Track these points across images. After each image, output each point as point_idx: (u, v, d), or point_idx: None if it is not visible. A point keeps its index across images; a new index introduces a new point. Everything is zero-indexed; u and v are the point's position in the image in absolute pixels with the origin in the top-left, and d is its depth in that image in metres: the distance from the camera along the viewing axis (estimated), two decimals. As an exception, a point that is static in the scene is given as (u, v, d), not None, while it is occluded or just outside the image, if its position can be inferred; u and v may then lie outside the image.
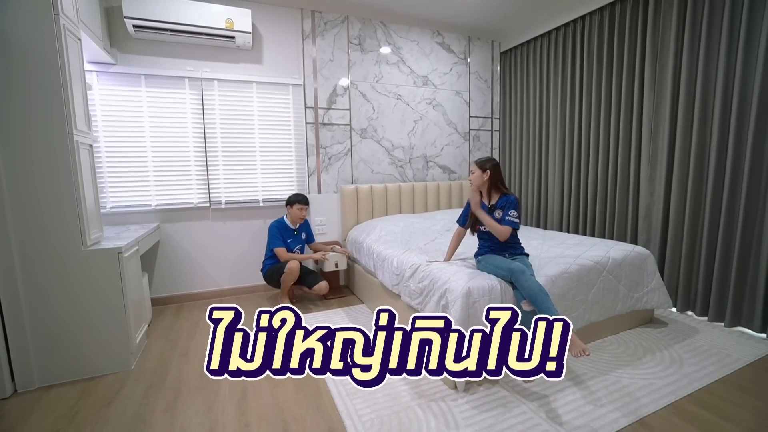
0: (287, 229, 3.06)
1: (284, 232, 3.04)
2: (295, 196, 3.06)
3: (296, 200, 3.03)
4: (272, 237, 3.01)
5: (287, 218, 3.09)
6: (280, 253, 2.97)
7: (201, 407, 1.77)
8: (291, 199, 3.05)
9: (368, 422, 1.62)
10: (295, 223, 3.08)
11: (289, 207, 3.05)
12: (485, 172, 2.11)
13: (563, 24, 3.46)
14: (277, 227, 3.02)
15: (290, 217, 3.07)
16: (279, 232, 3.01)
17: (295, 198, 3.04)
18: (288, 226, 3.06)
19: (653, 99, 2.81)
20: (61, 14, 1.84)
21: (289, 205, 3.05)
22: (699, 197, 2.60)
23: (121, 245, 2.07)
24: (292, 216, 3.05)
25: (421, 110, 3.88)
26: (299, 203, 3.03)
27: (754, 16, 2.26)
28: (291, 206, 3.04)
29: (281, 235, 3.01)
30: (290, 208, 3.04)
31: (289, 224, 3.07)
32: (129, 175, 2.97)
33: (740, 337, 2.33)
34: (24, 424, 1.66)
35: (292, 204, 3.03)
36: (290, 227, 3.07)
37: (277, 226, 3.02)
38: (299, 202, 3.03)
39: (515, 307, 1.90)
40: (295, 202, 3.03)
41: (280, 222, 3.06)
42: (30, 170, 1.85)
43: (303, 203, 3.05)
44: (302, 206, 3.04)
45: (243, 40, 3.01)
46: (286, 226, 3.06)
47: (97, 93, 2.82)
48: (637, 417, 1.61)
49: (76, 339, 2.00)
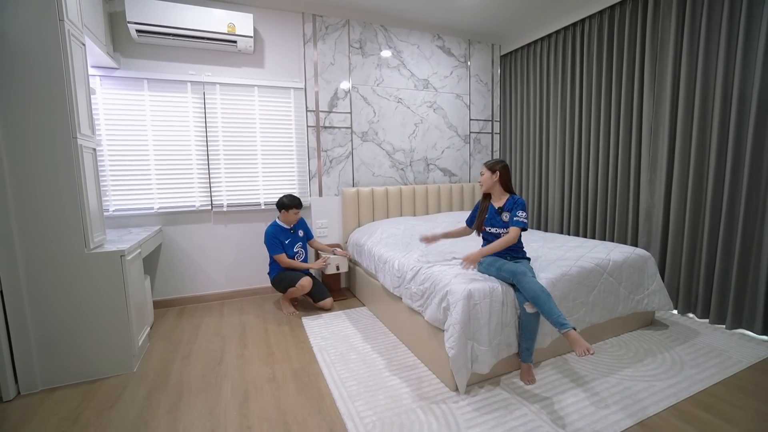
0: (283, 231, 3.00)
1: (280, 234, 2.97)
2: (289, 200, 2.94)
3: (292, 205, 2.94)
4: (270, 245, 2.93)
5: (279, 220, 3.02)
6: (281, 260, 2.93)
7: (203, 409, 1.78)
8: (285, 204, 2.94)
9: (369, 424, 1.63)
10: (289, 223, 3.03)
11: (284, 211, 2.95)
12: (495, 173, 2.12)
13: (563, 27, 3.48)
14: (272, 233, 2.94)
15: (284, 219, 2.99)
16: (275, 237, 2.94)
17: (291, 202, 2.94)
18: (283, 227, 3.01)
19: (653, 101, 2.83)
20: (66, 20, 1.86)
21: (284, 209, 2.95)
22: (699, 199, 2.60)
23: (124, 248, 2.08)
24: (286, 219, 2.98)
25: (421, 113, 3.90)
26: (295, 208, 2.96)
27: (752, 18, 2.27)
28: (286, 210, 2.94)
29: (278, 239, 2.95)
30: (285, 213, 2.95)
31: (284, 225, 3.01)
32: (131, 179, 2.98)
33: (741, 339, 2.33)
34: (27, 427, 1.67)
35: (288, 208, 2.94)
36: (285, 228, 3.02)
37: (272, 232, 2.95)
38: (295, 206, 2.96)
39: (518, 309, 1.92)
40: (291, 206, 2.94)
41: (274, 226, 2.99)
42: (34, 173, 1.87)
43: (299, 207, 2.98)
44: (298, 210, 2.99)
45: (245, 45, 3.04)
46: (281, 228, 3.00)
47: (101, 97, 2.84)
48: (638, 419, 1.62)
49: (78, 341, 2.01)
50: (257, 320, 2.87)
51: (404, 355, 2.24)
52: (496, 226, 2.11)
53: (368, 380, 1.97)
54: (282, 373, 2.09)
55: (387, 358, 2.21)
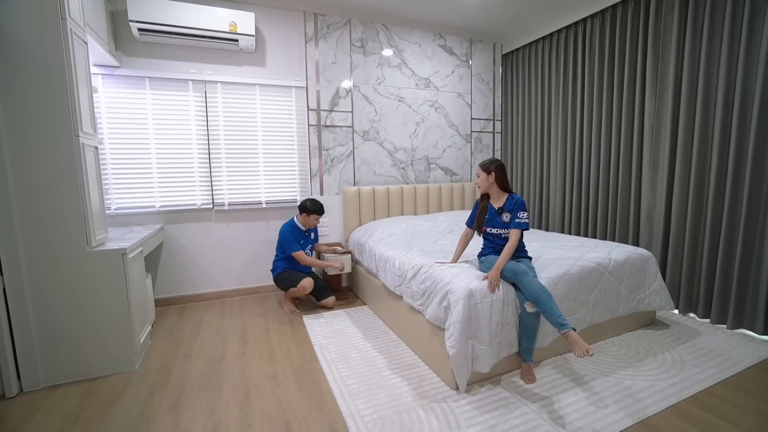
0: (299, 231, 3.03)
1: (297, 233, 3.01)
2: (312, 205, 2.98)
3: (314, 210, 2.98)
4: (288, 241, 2.96)
5: (298, 220, 3.05)
6: (300, 257, 2.95)
7: (204, 407, 1.78)
8: (308, 208, 2.98)
9: (370, 423, 1.63)
10: (306, 226, 3.06)
11: (305, 215, 2.99)
12: (490, 174, 2.10)
13: (565, 26, 3.47)
14: (290, 231, 2.98)
15: (302, 221, 3.03)
16: (293, 235, 2.97)
17: (313, 207, 2.98)
18: (299, 228, 3.04)
19: (655, 100, 2.82)
20: (68, 18, 1.86)
21: (306, 212, 2.98)
22: (701, 199, 2.60)
23: (126, 246, 2.09)
24: (306, 222, 3.02)
25: (423, 112, 3.90)
26: (317, 214, 3.01)
27: (755, 18, 2.27)
28: (308, 215, 2.98)
29: (296, 237, 2.98)
30: (306, 217, 2.99)
31: (300, 226, 3.04)
32: (133, 177, 2.99)
33: (742, 339, 2.33)
34: (29, 423, 1.68)
35: (309, 213, 2.98)
36: (301, 229, 3.05)
37: (290, 230, 2.98)
38: (317, 212, 3.00)
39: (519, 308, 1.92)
40: (312, 211, 2.98)
41: (292, 224, 3.02)
42: (36, 172, 1.87)
43: (320, 214, 3.03)
44: (319, 217, 3.04)
45: (246, 43, 3.04)
46: (298, 227, 3.03)
47: (102, 95, 2.85)
48: (638, 418, 1.62)
49: (80, 339, 2.02)
50: (258, 319, 2.88)
51: (405, 354, 2.24)
52: (496, 226, 2.11)
53: (369, 379, 1.98)
54: (283, 371, 2.09)
55: (388, 356, 2.22)
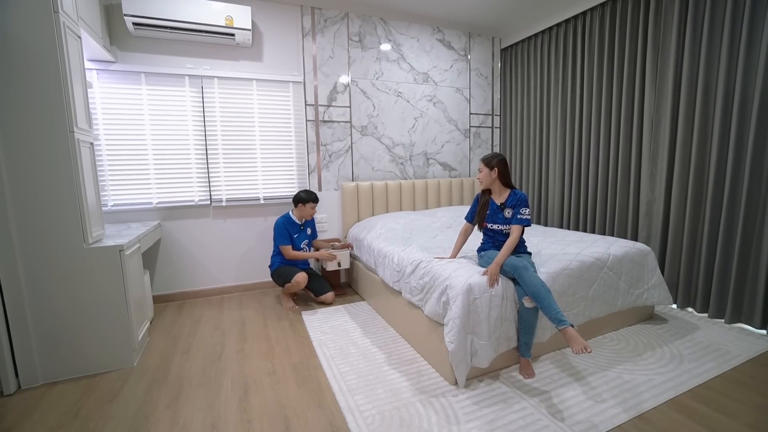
0: (293, 225, 3.03)
1: (290, 227, 3.01)
2: (307, 194, 3.00)
3: (309, 199, 3.00)
4: (278, 234, 2.97)
5: (293, 214, 3.06)
6: (286, 251, 2.96)
7: (203, 403, 1.78)
8: (303, 198, 2.99)
9: (369, 418, 1.63)
10: (302, 219, 3.07)
11: (301, 205, 3.00)
12: (492, 169, 2.07)
13: (564, 20, 3.45)
14: (283, 224, 2.99)
15: (298, 214, 3.04)
16: (285, 228, 2.98)
17: (308, 197, 3.00)
18: (294, 222, 3.04)
19: (654, 95, 2.81)
20: (60, 12, 1.84)
21: (301, 203, 2.99)
22: (700, 194, 2.59)
23: (123, 243, 2.08)
24: (302, 213, 3.03)
25: (421, 107, 3.88)
26: (312, 202, 3.02)
27: (756, 11, 2.25)
28: (303, 204, 2.99)
29: (287, 231, 2.99)
30: (302, 207, 3.00)
31: (296, 220, 3.04)
32: (130, 173, 2.97)
33: (740, 333, 2.33)
34: (28, 420, 1.68)
35: (305, 202, 2.99)
36: (296, 222, 3.04)
37: (283, 223, 2.99)
38: (312, 200, 3.02)
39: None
40: (308, 200, 3.00)
41: (286, 218, 3.03)
42: (31, 168, 1.85)
43: (315, 201, 3.05)
44: (314, 205, 3.05)
45: (243, 38, 3.01)
46: (293, 221, 3.03)
47: (98, 91, 2.82)
48: (637, 412, 1.62)
49: (78, 336, 2.01)
50: (257, 315, 2.87)
51: (404, 349, 2.24)
52: (497, 222, 2.09)
53: (368, 374, 1.98)
54: (282, 367, 2.09)
55: (386, 352, 2.22)
